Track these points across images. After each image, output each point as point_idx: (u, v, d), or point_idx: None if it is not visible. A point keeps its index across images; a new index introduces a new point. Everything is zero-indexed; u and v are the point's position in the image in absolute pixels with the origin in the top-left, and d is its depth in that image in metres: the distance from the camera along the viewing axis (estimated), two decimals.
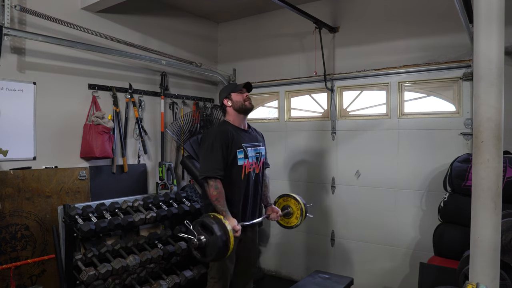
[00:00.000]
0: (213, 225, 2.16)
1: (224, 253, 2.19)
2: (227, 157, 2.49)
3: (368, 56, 3.70)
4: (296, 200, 2.92)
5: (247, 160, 2.57)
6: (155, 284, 3.15)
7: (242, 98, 2.62)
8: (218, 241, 2.14)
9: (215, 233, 2.14)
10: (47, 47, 3.11)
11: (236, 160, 2.52)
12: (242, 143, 2.56)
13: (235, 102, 2.62)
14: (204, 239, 2.18)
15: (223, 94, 2.69)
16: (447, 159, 3.09)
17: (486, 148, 1.37)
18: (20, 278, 2.91)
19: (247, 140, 2.63)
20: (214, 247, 2.16)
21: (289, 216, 2.96)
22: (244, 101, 2.62)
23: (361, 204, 3.74)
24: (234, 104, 2.62)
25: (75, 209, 3.00)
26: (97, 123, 3.32)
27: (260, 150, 2.73)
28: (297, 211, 2.92)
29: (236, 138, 2.54)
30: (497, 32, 1.38)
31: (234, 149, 2.51)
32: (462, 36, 3.06)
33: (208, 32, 4.73)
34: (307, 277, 3.26)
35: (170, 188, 3.86)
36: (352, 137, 3.81)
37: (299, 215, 2.91)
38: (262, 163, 2.75)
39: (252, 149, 2.64)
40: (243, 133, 2.64)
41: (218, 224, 2.18)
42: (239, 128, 2.63)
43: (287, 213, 2.94)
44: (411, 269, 3.43)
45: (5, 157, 2.78)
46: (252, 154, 2.63)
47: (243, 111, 2.64)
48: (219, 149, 2.45)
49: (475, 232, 1.41)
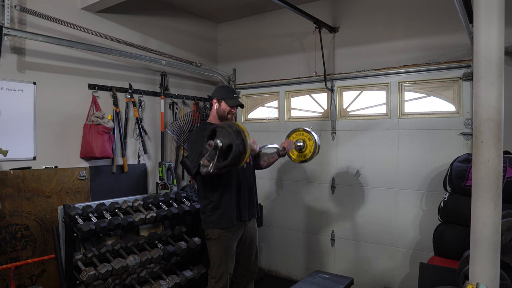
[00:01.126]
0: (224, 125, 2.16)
1: (242, 155, 2.13)
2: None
3: (368, 56, 3.70)
4: (306, 131, 3.02)
5: None
6: (155, 284, 3.15)
7: (228, 110, 2.70)
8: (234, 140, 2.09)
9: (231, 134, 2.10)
10: (47, 47, 3.11)
11: None
12: None
13: (221, 109, 2.71)
14: (221, 143, 2.13)
15: (216, 94, 2.75)
16: (447, 159, 3.09)
17: (486, 148, 1.37)
18: (20, 278, 2.91)
19: None
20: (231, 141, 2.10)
21: (303, 150, 3.02)
22: (227, 114, 2.71)
23: (361, 204, 3.74)
24: (218, 110, 2.72)
25: (75, 209, 3.00)
26: (97, 123, 3.32)
27: None
28: (310, 142, 3.00)
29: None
30: (497, 32, 1.38)
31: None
32: (462, 36, 3.06)
33: (208, 32, 4.73)
34: (307, 277, 3.26)
35: (170, 188, 3.86)
36: (352, 137, 3.81)
37: (312, 144, 2.98)
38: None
39: None
40: None
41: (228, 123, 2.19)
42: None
43: (300, 148, 3.02)
44: (411, 269, 3.43)
45: (5, 157, 2.78)
46: None
47: (222, 120, 2.72)
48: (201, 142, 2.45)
49: (475, 232, 1.41)
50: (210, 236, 2.64)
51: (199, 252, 3.59)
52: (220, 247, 2.60)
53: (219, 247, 2.60)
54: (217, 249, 2.61)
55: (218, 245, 2.61)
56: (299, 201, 4.16)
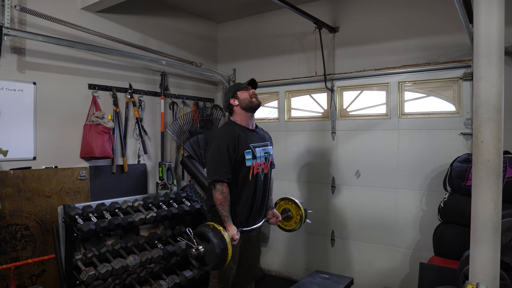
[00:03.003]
0: (210, 235, 2.18)
1: (223, 262, 2.21)
2: (235, 159, 2.43)
3: (368, 56, 3.70)
4: (297, 205, 2.92)
5: (255, 160, 2.51)
6: (155, 284, 3.15)
7: (249, 94, 2.58)
8: (216, 250, 2.15)
9: (213, 243, 2.16)
10: (47, 47, 3.11)
11: (244, 161, 2.45)
12: (249, 144, 2.50)
13: (242, 100, 2.56)
14: (202, 249, 2.20)
15: (229, 95, 2.63)
16: (447, 159, 3.09)
17: (486, 148, 1.37)
18: (20, 278, 2.91)
19: (255, 140, 2.57)
20: (212, 257, 2.18)
21: (289, 220, 2.97)
22: (251, 97, 2.57)
23: (361, 204, 3.74)
24: (241, 102, 2.56)
25: (75, 209, 3.00)
26: (97, 123, 3.33)
27: (268, 150, 2.67)
28: (297, 216, 2.93)
29: (243, 138, 2.48)
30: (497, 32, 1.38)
31: (241, 150, 2.45)
32: (462, 36, 3.06)
33: (208, 32, 4.73)
34: (307, 277, 3.26)
35: (170, 188, 3.86)
36: (352, 137, 3.81)
37: (298, 220, 2.92)
38: (270, 162, 2.70)
39: (260, 149, 2.57)
40: (250, 132, 2.58)
41: (216, 235, 2.19)
42: (246, 128, 2.58)
43: (287, 217, 2.95)
44: (411, 269, 3.43)
45: (5, 157, 2.78)
46: (261, 154, 2.57)
47: (250, 108, 2.59)
48: (225, 151, 2.39)
49: (475, 232, 1.41)
50: None
51: None
52: None
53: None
54: None
55: None
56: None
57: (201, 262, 2.26)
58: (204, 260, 2.24)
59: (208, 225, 2.27)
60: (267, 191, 2.68)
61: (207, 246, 2.19)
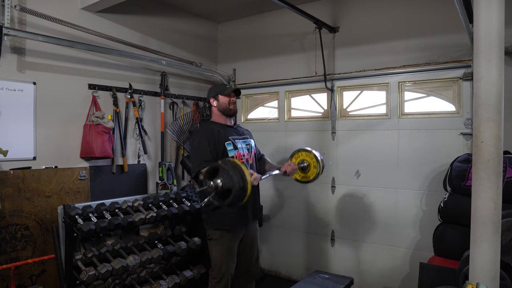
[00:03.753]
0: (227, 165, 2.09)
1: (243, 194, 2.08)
2: (216, 152, 2.53)
3: (368, 56, 3.70)
4: (307, 151, 2.85)
5: (237, 151, 2.62)
6: (155, 284, 3.15)
7: (228, 101, 2.68)
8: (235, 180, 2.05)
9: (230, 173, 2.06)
10: (47, 47, 3.11)
11: (226, 152, 2.56)
12: (229, 136, 2.62)
13: (221, 103, 2.69)
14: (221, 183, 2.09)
15: (211, 93, 2.76)
16: (447, 159, 3.09)
17: (486, 148, 1.37)
18: (20, 278, 2.91)
19: (234, 134, 2.70)
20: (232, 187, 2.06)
21: (307, 169, 2.85)
22: (229, 104, 2.68)
23: (361, 204, 3.74)
24: (219, 105, 2.70)
25: (75, 209, 3.00)
26: (97, 123, 3.32)
27: (249, 142, 2.78)
28: (312, 160, 2.82)
29: (222, 133, 2.61)
30: (497, 32, 1.38)
31: (221, 142, 2.57)
32: (462, 36, 3.06)
33: (208, 32, 4.73)
34: (307, 277, 3.26)
35: (170, 188, 3.86)
36: (352, 137, 3.81)
37: (316, 163, 2.80)
38: (254, 154, 2.80)
39: (240, 141, 2.69)
40: (229, 128, 2.71)
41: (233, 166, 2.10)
42: (224, 125, 2.71)
43: (304, 168, 2.84)
44: (411, 269, 3.43)
45: (5, 157, 2.78)
46: (242, 145, 2.68)
47: (226, 113, 2.71)
48: (206, 145, 2.50)
49: (475, 232, 1.41)
50: (211, 236, 2.64)
51: (199, 252, 3.59)
52: (221, 248, 2.60)
53: (221, 247, 2.60)
54: (219, 249, 2.61)
55: (219, 245, 2.60)
56: (299, 201, 4.16)
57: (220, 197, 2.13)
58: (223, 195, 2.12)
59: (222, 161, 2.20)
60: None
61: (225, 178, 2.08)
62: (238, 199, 2.10)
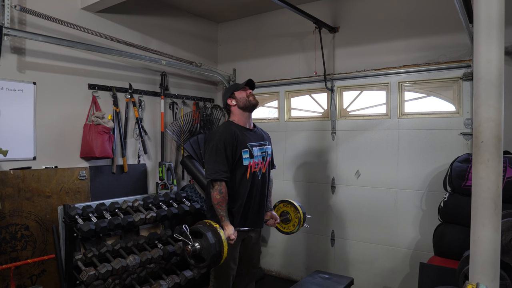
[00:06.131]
0: (207, 233, 2.20)
1: (218, 260, 2.23)
2: (232, 158, 2.46)
3: (368, 56, 3.70)
4: (296, 208, 2.96)
5: (252, 159, 2.54)
6: (155, 284, 3.15)
7: (246, 94, 2.61)
8: (212, 249, 2.17)
9: (209, 241, 2.17)
10: (47, 47, 3.11)
11: (241, 160, 2.49)
12: (247, 143, 2.53)
13: (239, 99, 2.60)
14: (198, 246, 2.21)
15: (226, 95, 2.67)
16: (447, 159, 3.09)
17: (486, 148, 1.37)
18: (20, 278, 2.91)
19: (253, 139, 2.59)
20: (208, 254, 2.19)
21: (287, 222, 3.01)
22: (248, 97, 2.60)
23: (361, 204, 3.74)
24: (238, 102, 2.60)
25: (75, 209, 3.00)
26: (97, 123, 3.32)
27: (266, 149, 2.69)
28: (295, 219, 2.97)
29: (241, 137, 2.51)
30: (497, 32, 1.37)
31: (239, 149, 2.48)
32: (462, 36, 3.06)
33: (208, 32, 4.73)
34: (307, 277, 3.26)
35: (170, 188, 3.86)
36: (352, 137, 3.81)
37: (296, 223, 2.97)
38: (269, 162, 2.72)
39: (257, 148, 2.60)
40: (248, 132, 2.61)
41: (213, 233, 2.21)
42: (244, 128, 2.60)
43: (285, 219, 3.00)
44: (411, 269, 3.43)
45: (5, 157, 2.78)
46: (258, 153, 2.59)
47: (248, 107, 2.61)
48: (223, 150, 2.42)
49: (475, 232, 1.41)
50: None
51: None
52: None
53: None
54: None
55: None
56: (299, 201, 4.14)
57: (196, 259, 2.27)
58: (201, 257, 2.25)
59: (204, 222, 2.30)
60: (265, 191, 2.69)
61: (203, 243, 2.21)
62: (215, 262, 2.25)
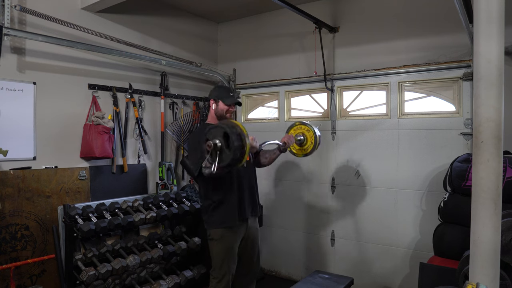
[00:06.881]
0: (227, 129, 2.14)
1: (240, 158, 2.14)
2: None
3: (368, 56, 3.70)
4: (304, 124, 2.96)
5: None
6: (155, 284, 3.15)
7: (226, 109, 2.71)
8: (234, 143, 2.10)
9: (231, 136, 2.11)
10: (47, 47, 3.11)
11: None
12: None
13: (220, 109, 2.72)
14: (220, 143, 2.15)
15: (213, 94, 2.77)
16: (447, 159, 3.09)
17: (486, 148, 1.37)
18: (20, 278, 2.91)
19: None
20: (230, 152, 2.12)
21: (304, 142, 2.96)
22: (226, 113, 2.72)
23: (361, 204, 3.74)
24: (217, 110, 2.73)
25: (75, 209, 3.00)
26: (97, 123, 3.32)
27: None
28: (309, 133, 2.94)
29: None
30: (497, 32, 1.37)
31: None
32: (462, 36, 3.06)
33: (208, 32, 4.73)
34: (307, 277, 3.26)
35: (170, 188, 3.86)
36: (352, 137, 3.81)
37: (312, 135, 2.92)
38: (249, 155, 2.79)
39: None
40: None
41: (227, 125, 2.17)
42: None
43: (300, 141, 2.96)
44: (411, 269, 3.43)
45: (5, 157, 2.78)
46: None
47: (221, 120, 2.71)
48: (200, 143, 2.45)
49: (475, 232, 1.41)
50: (212, 236, 2.64)
51: (199, 252, 3.59)
52: (222, 248, 2.60)
53: (222, 247, 2.60)
54: (220, 249, 2.61)
55: (220, 245, 2.60)
56: (299, 201, 4.16)
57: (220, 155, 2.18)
58: (221, 157, 2.17)
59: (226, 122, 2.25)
60: (253, 178, 2.79)
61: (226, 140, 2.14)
62: (238, 155, 2.13)
